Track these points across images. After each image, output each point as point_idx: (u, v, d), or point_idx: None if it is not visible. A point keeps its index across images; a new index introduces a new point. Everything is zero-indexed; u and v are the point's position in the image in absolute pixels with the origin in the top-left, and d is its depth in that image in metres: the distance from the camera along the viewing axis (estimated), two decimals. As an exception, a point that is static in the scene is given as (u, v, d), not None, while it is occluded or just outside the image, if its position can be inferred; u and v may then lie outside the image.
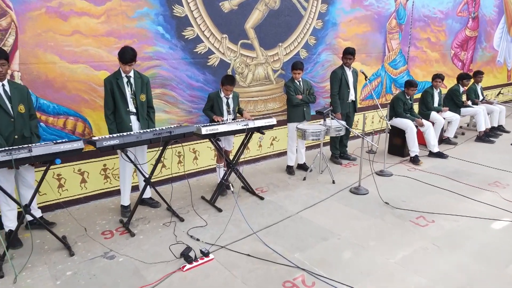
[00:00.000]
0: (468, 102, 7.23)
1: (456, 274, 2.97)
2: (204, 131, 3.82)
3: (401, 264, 3.10)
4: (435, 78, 6.42)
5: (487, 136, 7.01)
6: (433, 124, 6.13)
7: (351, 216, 3.97)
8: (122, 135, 3.41)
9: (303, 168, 5.43)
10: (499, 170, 5.37)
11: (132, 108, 3.76)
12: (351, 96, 5.53)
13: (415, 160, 5.69)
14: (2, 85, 3.14)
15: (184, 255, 3.13)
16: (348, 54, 5.27)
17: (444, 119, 6.43)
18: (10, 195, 3.13)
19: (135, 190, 4.46)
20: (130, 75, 3.72)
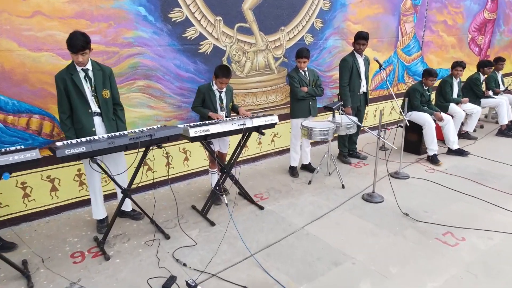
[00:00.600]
0: (489, 92, 6.56)
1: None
2: (193, 132, 3.20)
3: (432, 301, 2.53)
4: (456, 66, 5.74)
5: (509, 129, 6.37)
6: (452, 117, 5.49)
7: (366, 232, 3.38)
8: (90, 140, 2.79)
9: (308, 169, 4.82)
10: (529, 171, 4.77)
11: (95, 108, 3.12)
12: (363, 88, 4.88)
13: (434, 160, 5.08)
14: None
15: (166, 290, 2.56)
16: (361, 39, 4.60)
17: (464, 111, 5.79)
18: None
19: (113, 198, 3.88)
20: (88, 68, 3.05)
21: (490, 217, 3.64)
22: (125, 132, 3.07)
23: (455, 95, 5.90)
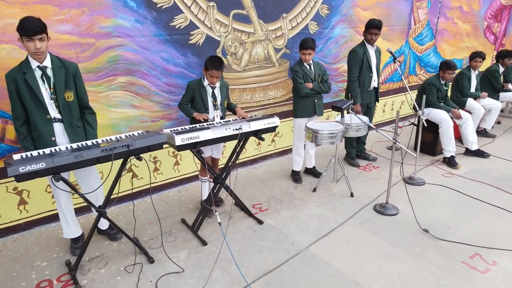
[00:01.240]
0: (509, 86, 6.03)
1: None
2: (180, 140, 2.72)
3: None
4: (475, 57, 5.21)
5: (530, 126, 5.88)
6: (470, 114, 4.99)
7: (381, 254, 2.92)
8: (52, 153, 2.30)
9: (312, 173, 4.35)
10: (558, 175, 4.30)
11: (54, 113, 2.60)
12: (374, 82, 4.37)
13: (451, 163, 4.59)
14: None
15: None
16: (373, 28, 4.06)
17: (482, 107, 5.28)
18: None
19: (91, 211, 3.43)
20: (46, 65, 2.53)
21: (522, 234, 3.18)
22: (98, 140, 2.58)
23: (473, 89, 5.38)
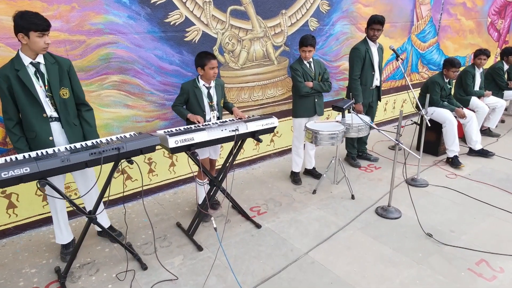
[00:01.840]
0: (513, 84, 5.91)
1: None
2: (173, 142, 2.59)
3: None
4: (479, 54, 5.08)
5: (535, 125, 5.76)
6: (474, 113, 4.87)
7: (383, 260, 2.81)
8: (38, 157, 2.19)
9: (312, 174, 4.23)
10: None
11: (51, 111, 2.50)
12: (376, 81, 4.24)
13: (455, 163, 4.48)
14: None
15: None
16: (376, 23, 3.93)
17: (487, 106, 5.16)
18: None
19: (81, 215, 3.31)
20: (39, 61, 2.43)
21: (530, 238, 3.07)
22: (87, 143, 2.46)
23: (477, 87, 5.26)
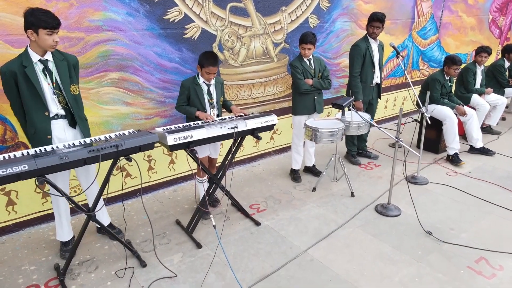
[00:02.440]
0: (514, 81, 5.88)
1: None
2: (172, 140, 2.59)
3: None
4: (480, 52, 5.06)
5: (536, 123, 5.74)
6: (474, 110, 4.85)
7: (382, 258, 2.81)
8: (37, 154, 2.19)
9: (312, 172, 4.23)
10: None
11: (57, 109, 2.50)
12: (376, 78, 4.22)
13: (455, 160, 4.46)
14: None
15: None
16: (375, 21, 3.92)
17: (487, 103, 5.14)
18: None
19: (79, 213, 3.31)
20: (47, 58, 2.43)
21: (530, 236, 3.06)
22: (86, 140, 2.46)
23: (478, 85, 5.23)
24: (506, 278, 2.59)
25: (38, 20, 2.25)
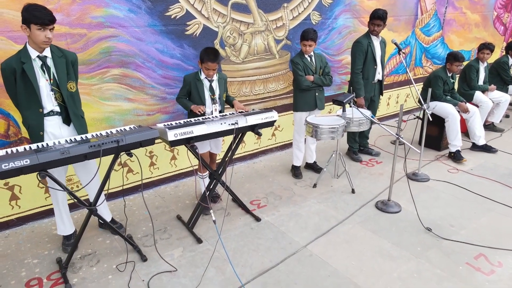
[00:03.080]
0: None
1: None
2: (172, 135, 2.61)
3: None
4: (483, 48, 5.03)
5: (540, 120, 5.70)
6: (477, 107, 4.83)
7: (382, 254, 2.82)
8: (38, 149, 2.22)
9: (313, 168, 4.24)
10: None
11: (52, 106, 2.52)
12: (378, 75, 4.22)
13: (457, 157, 4.45)
14: None
15: None
16: (377, 18, 3.91)
17: (490, 100, 5.11)
18: None
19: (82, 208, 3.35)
20: (46, 55, 2.46)
21: (530, 234, 3.06)
22: (87, 136, 2.49)
23: (481, 82, 5.21)
24: (505, 275, 2.59)
25: (30, 16, 2.27)
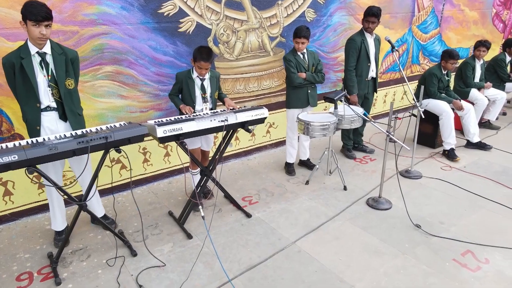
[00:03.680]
0: (515, 76, 5.82)
1: None
2: (162, 132, 2.64)
3: None
4: (479, 46, 5.02)
5: (536, 118, 5.69)
6: (472, 105, 4.83)
7: (369, 250, 2.84)
8: (28, 145, 2.25)
9: (306, 165, 4.26)
10: (561, 170, 4.14)
11: (49, 101, 2.56)
12: (372, 72, 4.22)
13: (451, 155, 4.46)
14: None
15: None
16: (371, 16, 3.91)
17: (486, 98, 5.11)
18: None
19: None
20: (45, 51, 2.49)
21: (519, 231, 3.07)
22: (77, 132, 2.52)
23: (477, 79, 5.20)
24: (491, 271, 2.61)
25: (26, 12, 2.32)
